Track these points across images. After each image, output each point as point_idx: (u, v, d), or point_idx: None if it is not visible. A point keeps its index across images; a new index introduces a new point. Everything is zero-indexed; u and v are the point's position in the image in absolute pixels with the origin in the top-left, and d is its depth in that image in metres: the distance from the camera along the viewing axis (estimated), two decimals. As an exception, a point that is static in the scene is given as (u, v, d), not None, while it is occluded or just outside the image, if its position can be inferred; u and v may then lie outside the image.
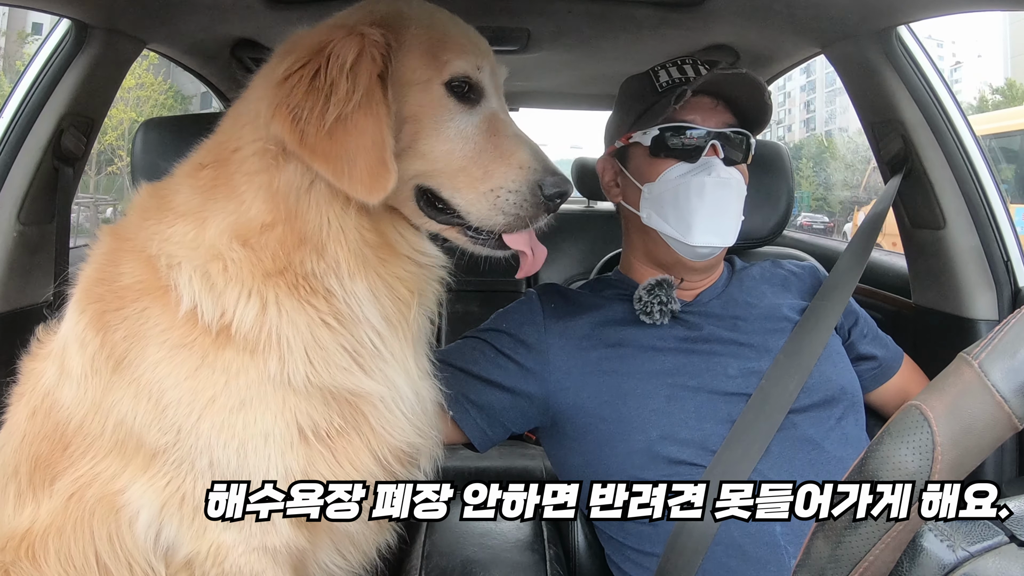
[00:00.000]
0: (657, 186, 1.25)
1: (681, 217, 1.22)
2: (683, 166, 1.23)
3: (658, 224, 1.25)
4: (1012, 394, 0.56)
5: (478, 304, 2.70)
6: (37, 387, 1.01)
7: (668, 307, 1.24)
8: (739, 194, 1.24)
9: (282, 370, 0.89)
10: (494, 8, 1.81)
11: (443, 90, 0.93)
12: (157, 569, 0.95)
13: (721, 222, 1.22)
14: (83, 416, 0.94)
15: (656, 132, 1.24)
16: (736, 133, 1.25)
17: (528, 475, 2.23)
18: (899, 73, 1.56)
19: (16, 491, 0.99)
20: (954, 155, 1.55)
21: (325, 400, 0.91)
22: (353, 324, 0.93)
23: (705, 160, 1.22)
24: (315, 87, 0.85)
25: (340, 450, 0.92)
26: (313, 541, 0.97)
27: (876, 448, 0.59)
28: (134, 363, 0.91)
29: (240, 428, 0.89)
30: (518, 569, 1.26)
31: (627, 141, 1.31)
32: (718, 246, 1.24)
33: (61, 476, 0.96)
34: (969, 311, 1.55)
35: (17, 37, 20.67)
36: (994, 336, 0.59)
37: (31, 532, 0.96)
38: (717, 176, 1.21)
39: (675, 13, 1.73)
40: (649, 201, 1.27)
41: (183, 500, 0.91)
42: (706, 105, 1.25)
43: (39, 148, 1.69)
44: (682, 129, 1.23)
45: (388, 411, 0.95)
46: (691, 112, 1.24)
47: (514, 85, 2.74)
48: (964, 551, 0.56)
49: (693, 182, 1.21)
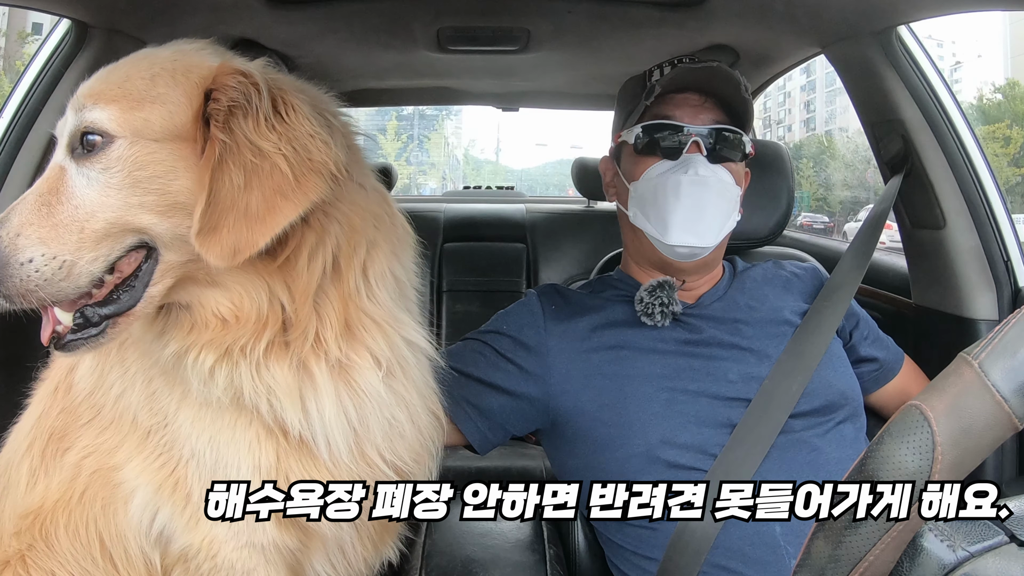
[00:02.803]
0: (640, 184, 1.25)
1: (660, 216, 1.21)
2: (664, 164, 1.22)
3: (641, 223, 1.25)
4: (1012, 394, 0.56)
5: (478, 304, 2.70)
6: (63, 363, 1.04)
7: (669, 308, 1.22)
8: (719, 193, 1.22)
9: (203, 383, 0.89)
10: (494, 8, 1.81)
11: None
12: (151, 558, 0.95)
13: (698, 222, 1.20)
14: (92, 387, 0.97)
15: (639, 130, 1.24)
16: (722, 130, 1.23)
17: (528, 475, 2.23)
18: (899, 73, 1.56)
19: (30, 467, 1.00)
20: (954, 155, 1.55)
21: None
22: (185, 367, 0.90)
23: (685, 158, 1.21)
24: None
25: (315, 458, 0.92)
26: (305, 546, 0.96)
27: (876, 448, 0.59)
28: (130, 347, 0.95)
29: (209, 422, 0.90)
30: (518, 569, 1.26)
31: (618, 140, 1.31)
32: (695, 245, 1.21)
33: (72, 447, 0.98)
34: (969, 311, 1.55)
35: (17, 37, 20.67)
36: (994, 336, 0.59)
37: (43, 508, 0.97)
38: (694, 174, 1.19)
39: (675, 13, 1.73)
40: (635, 199, 1.26)
41: (176, 486, 0.92)
42: (692, 102, 1.24)
43: (39, 148, 1.69)
44: (664, 126, 1.22)
45: (313, 444, 0.91)
46: (675, 109, 1.23)
47: (514, 85, 2.74)
48: (964, 551, 0.56)
49: (670, 180, 1.20)
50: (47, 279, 0.79)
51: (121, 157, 0.82)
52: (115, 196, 0.81)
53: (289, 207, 0.82)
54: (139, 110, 0.83)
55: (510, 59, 2.23)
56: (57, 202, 0.81)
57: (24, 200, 0.82)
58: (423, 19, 1.89)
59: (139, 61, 0.87)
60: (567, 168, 3.28)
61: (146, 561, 0.96)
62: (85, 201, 0.81)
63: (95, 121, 0.82)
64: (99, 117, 0.82)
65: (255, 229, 0.81)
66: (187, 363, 0.87)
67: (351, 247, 0.90)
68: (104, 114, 0.82)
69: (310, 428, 0.90)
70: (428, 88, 2.77)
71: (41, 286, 0.79)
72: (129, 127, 0.82)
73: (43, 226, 0.80)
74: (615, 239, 1.49)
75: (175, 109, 0.83)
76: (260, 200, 0.82)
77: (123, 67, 0.87)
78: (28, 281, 0.79)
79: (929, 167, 1.55)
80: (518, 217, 2.95)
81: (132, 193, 0.82)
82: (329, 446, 0.91)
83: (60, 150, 0.85)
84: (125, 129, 0.82)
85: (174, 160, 0.83)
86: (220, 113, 0.82)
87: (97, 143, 0.82)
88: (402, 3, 1.78)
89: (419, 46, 2.04)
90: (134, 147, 0.82)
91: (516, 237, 2.88)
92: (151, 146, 0.83)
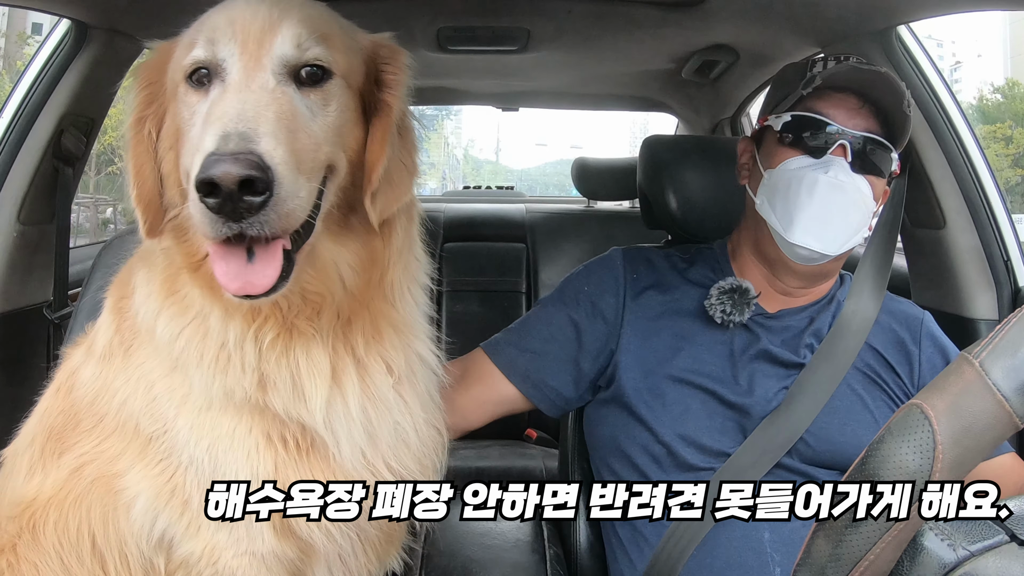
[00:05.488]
0: (775, 173, 1.18)
1: (787, 210, 1.15)
2: (805, 159, 1.16)
3: (767, 213, 1.19)
4: (1013, 393, 0.57)
5: (478, 304, 2.70)
6: (67, 366, 1.04)
7: (730, 317, 1.20)
8: (854, 202, 1.15)
9: (204, 384, 0.88)
10: (494, 8, 1.81)
11: (185, 87, 0.84)
12: (155, 562, 0.95)
13: (825, 226, 1.14)
14: (96, 393, 0.97)
15: (788, 118, 1.18)
16: (874, 140, 1.16)
17: (528, 475, 2.23)
18: (899, 73, 1.56)
19: (29, 460, 1.01)
20: (954, 155, 1.55)
21: (276, 416, 0.89)
22: (231, 346, 0.88)
23: (828, 158, 1.14)
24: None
25: (314, 464, 0.91)
26: (306, 555, 0.96)
27: (877, 447, 0.59)
28: (136, 352, 0.94)
29: (208, 428, 0.89)
30: (518, 569, 1.26)
31: (763, 123, 1.25)
32: (817, 251, 1.15)
33: (69, 450, 0.98)
34: (969, 311, 1.55)
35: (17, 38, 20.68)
36: (995, 335, 0.59)
37: (36, 502, 0.98)
38: (834, 177, 1.13)
39: (675, 13, 1.73)
40: (766, 188, 1.20)
41: (174, 492, 0.91)
42: (851, 104, 1.16)
43: (39, 148, 1.69)
44: (814, 121, 1.16)
45: (330, 449, 0.90)
46: (831, 107, 1.16)
47: (514, 85, 2.74)
48: (964, 550, 0.56)
49: (807, 176, 1.14)
50: (292, 208, 0.73)
51: (337, 96, 0.83)
52: (331, 131, 0.82)
53: (410, 183, 0.89)
54: (349, 56, 0.86)
55: (510, 59, 2.23)
56: (296, 128, 0.77)
57: (262, 118, 0.74)
58: (423, 19, 1.89)
59: (325, 10, 0.88)
60: (567, 168, 3.28)
61: (146, 566, 0.96)
62: (314, 131, 0.80)
63: (319, 56, 0.82)
64: (323, 54, 0.82)
65: (391, 198, 0.87)
66: (243, 339, 0.86)
67: (406, 246, 0.93)
68: (327, 52, 0.83)
69: (330, 425, 0.89)
70: (428, 88, 2.77)
71: (288, 215, 0.73)
72: (342, 69, 0.84)
73: (289, 151, 0.74)
74: (615, 239, 1.48)
75: (361, 64, 0.88)
76: (399, 171, 0.88)
77: (320, 9, 0.87)
78: (284, 206, 0.72)
79: (929, 167, 1.56)
80: (518, 217, 2.95)
81: (339, 132, 0.83)
82: (342, 445, 0.90)
83: (272, 74, 0.80)
84: (341, 70, 0.84)
85: (359, 111, 0.87)
86: (397, 85, 0.88)
87: (318, 77, 0.82)
88: (402, 3, 1.78)
89: (419, 46, 2.04)
90: (345, 89, 0.84)
91: (516, 237, 2.88)
92: (350, 92, 0.86)
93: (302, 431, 0.90)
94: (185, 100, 0.84)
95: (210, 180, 0.68)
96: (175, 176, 0.87)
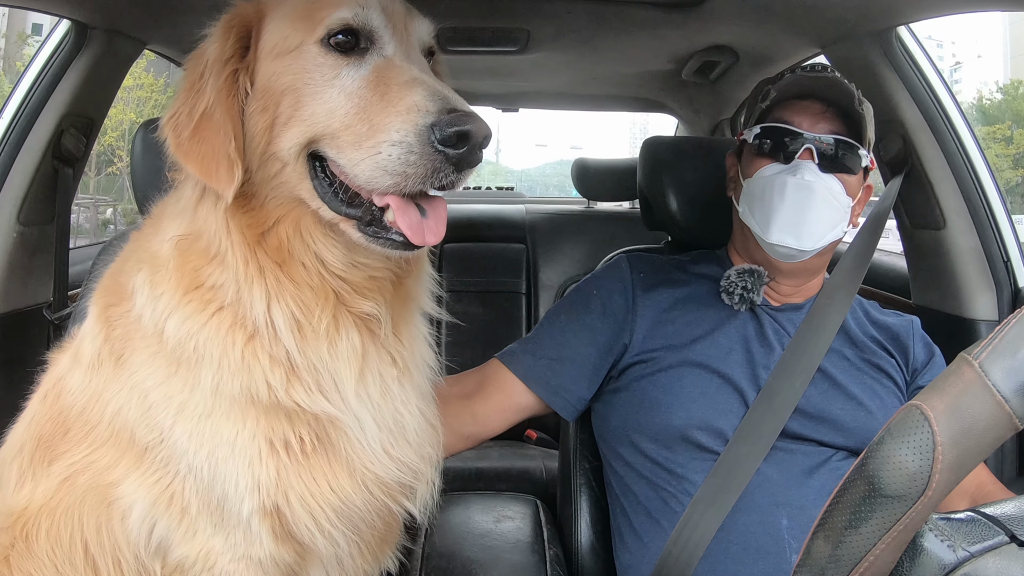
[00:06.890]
0: (752, 182, 1.28)
1: (764, 214, 1.25)
2: (776, 166, 1.25)
3: (748, 219, 1.28)
4: (1013, 394, 0.57)
5: (478, 304, 2.70)
6: (52, 372, 1.04)
7: (748, 295, 1.27)
8: (824, 200, 1.22)
9: (218, 384, 0.87)
10: (494, 8, 1.81)
11: (318, 49, 0.84)
12: (151, 568, 0.95)
13: (800, 225, 1.22)
14: (85, 403, 0.96)
15: (758, 130, 1.28)
16: (838, 141, 1.24)
17: (528, 476, 2.23)
18: (899, 73, 1.56)
19: (19, 468, 1.00)
20: (954, 155, 1.55)
21: (288, 416, 0.89)
22: (268, 335, 0.87)
23: (796, 162, 1.23)
24: (193, 88, 0.85)
25: (316, 468, 0.90)
26: (302, 558, 0.96)
27: (877, 448, 0.59)
28: (129, 361, 0.92)
29: (208, 436, 0.88)
30: (518, 570, 1.26)
31: (740, 138, 1.34)
32: (795, 247, 1.23)
33: (59, 459, 0.97)
34: (969, 311, 1.55)
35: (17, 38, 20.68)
36: (994, 336, 0.59)
37: (27, 511, 0.97)
38: (801, 178, 1.22)
39: (675, 13, 1.73)
40: (746, 196, 1.30)
41: (171, 499, 0.91)
42: (814, 110, 1.26)
43: (39, 148, 1.69)
44: (780, 130, 1.25)
45: (350, 436, 0.91)
46: (796, 115, 1.26)
47: (514, 86, 2.74)
48: (964, 551, 0.56)
49: (777, 180, 1.23)
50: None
51: None
52: None
53: None
54: None
55: (510, 59, 2.23)
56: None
57: (421, 83, 0.81)
58: (423, 19, 1.89)
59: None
60: (567, 168, 3.28)
61: (140, 572, 0.95)
62: None
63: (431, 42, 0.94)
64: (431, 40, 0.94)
65: None
66: (291, 324, 0.87)
67: None
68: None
69: (358, 410, 0.91)
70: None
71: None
72: None
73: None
74: (615, 240, 1.49)
75: None
76: None
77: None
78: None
79: (929, 167, 1.56)
80: (518, 218, 2.95)
81: None
82: (367, 429, 0.91)
83: (401, 51, 0.87)
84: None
85: None
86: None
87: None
88: (402, 3, 1.78)
89: (419, 46, 2.04)
90: None
91: (516, 238, 2.88)
92: None
93: (313, 426, 0.90)
94: (318, 62, 0.83)
95: (466, 133, 0.76)
96: (263, 139, 0.85)
